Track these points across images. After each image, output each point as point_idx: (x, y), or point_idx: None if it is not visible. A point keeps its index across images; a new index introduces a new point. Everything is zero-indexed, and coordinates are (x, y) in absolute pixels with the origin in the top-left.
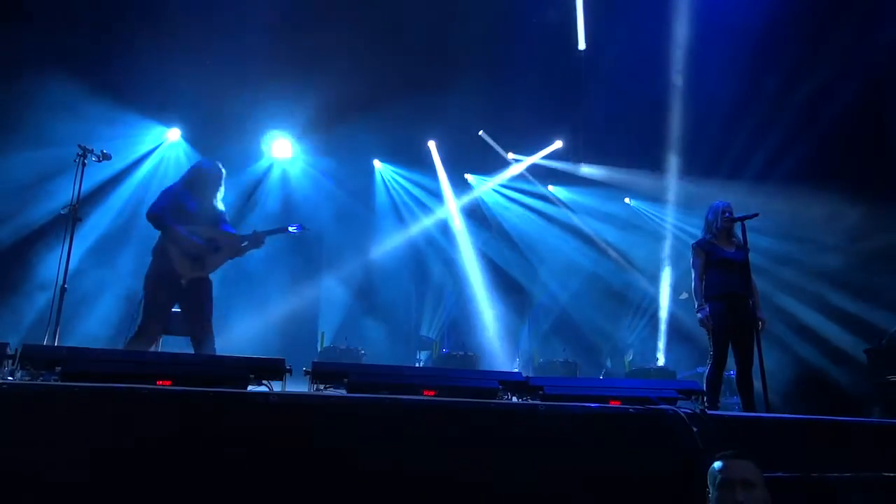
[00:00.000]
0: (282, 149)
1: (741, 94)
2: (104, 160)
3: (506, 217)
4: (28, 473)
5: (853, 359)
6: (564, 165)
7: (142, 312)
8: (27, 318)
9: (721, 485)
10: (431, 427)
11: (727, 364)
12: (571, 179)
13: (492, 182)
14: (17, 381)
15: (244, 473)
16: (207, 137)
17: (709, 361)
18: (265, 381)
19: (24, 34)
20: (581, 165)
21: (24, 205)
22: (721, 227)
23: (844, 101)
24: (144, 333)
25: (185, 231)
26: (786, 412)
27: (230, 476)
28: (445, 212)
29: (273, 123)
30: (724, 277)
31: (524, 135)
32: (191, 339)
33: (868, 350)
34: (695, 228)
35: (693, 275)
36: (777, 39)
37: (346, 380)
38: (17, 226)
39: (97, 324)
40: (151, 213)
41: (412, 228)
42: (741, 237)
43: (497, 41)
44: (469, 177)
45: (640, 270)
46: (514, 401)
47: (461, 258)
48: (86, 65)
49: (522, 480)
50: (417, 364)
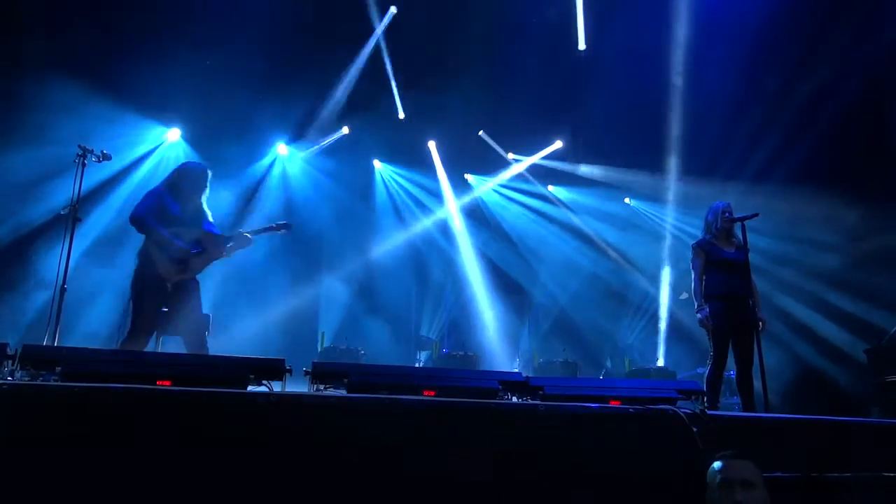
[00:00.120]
0: (283, 148)
1: (741, 94)
2: (104, 160)
3: (506, 217)
4: (28, 473)
5: (853, 359)
6: (564, 165)
7: (130, 316)
8: (27, 318)
9: (720, 485)
10: (431, 427)
11: (727, 364)
12: (571, 179)
13: (492, 182)
14: (17, 381)
15: (244, 473)
16: (207, 138)
17: (709, 362)
18: (265, 382)
19: (25, 34)
20: (580, 165)
21: (24, 204)
22: (721, 228)
23: (844, 102)
24: (135, 337)
25: (169, 234)
26: (785, 412)
27: (230, 476)
28: (445, 212)
29: (273, 123)
30: (724, 278)
31: (524, 135)
32: (182, 340)
33: (868, 350)
34: (695, 229)
35: (693, 275)
36: (777, 39)
37: (346, 380)
38: (17, 225)
39: (97, 322)
40: (134, 217)
41: (412, 228)
42: (741, 237)
43: (497, 41)
44: (469, 177)
45: (640, 270)
46: (514, 401)
47: (461, 258)
48: (86, 65)
49: (522, 480)
50: (417, 364)
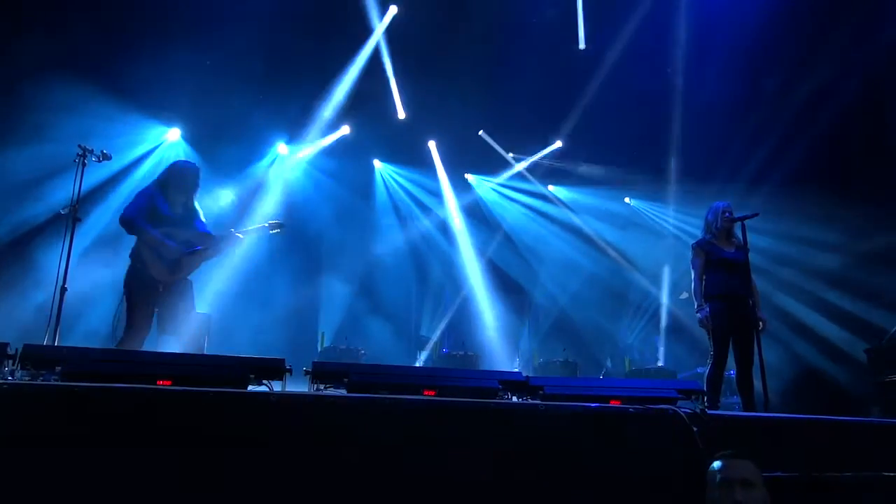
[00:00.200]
0: (283, 148)
1: (741, 94)
2: (104, 160)
3: (506, 217)
4: (28, 473)
5: (853, 358)
6: (564, 165)
7: (125, 317)
8: (25, 318)
9: (720, 484)
10: (431, 427)
11: (727, 364)
12: (571, 179)
13: (492, 182)
14: (17, 381)
15: (244, 473)
16: (207, 137)
17: (709, 361)
18: (265, 381)
19: (25, 33)
20: (581, 165)
21: (24, 203)
22: (721, 227)
23: (844, 102)
24: (131, 337)
25: (159, 235)
26: (785, 411)
27: (230, 476)
28: (445, 211)
29: (273, 123)
30: (724, 277)
31: (524, 135)
32: (177, 341)
33: (868, 350)
34: (695, 228)
35: (693, 275)
36: (777, 39)
37: (346, 380)
38: (16, 224)
39: (97, 322)
40: (124, 218)
41: (412, 228)
42: (741, 237)
43: (498, 41)
44: (469, 177)
45: (640, 270)
46: (515, 401)
47: (461, 258)
48: (86, 64)
49: (522, 480)
50: (417, 364)
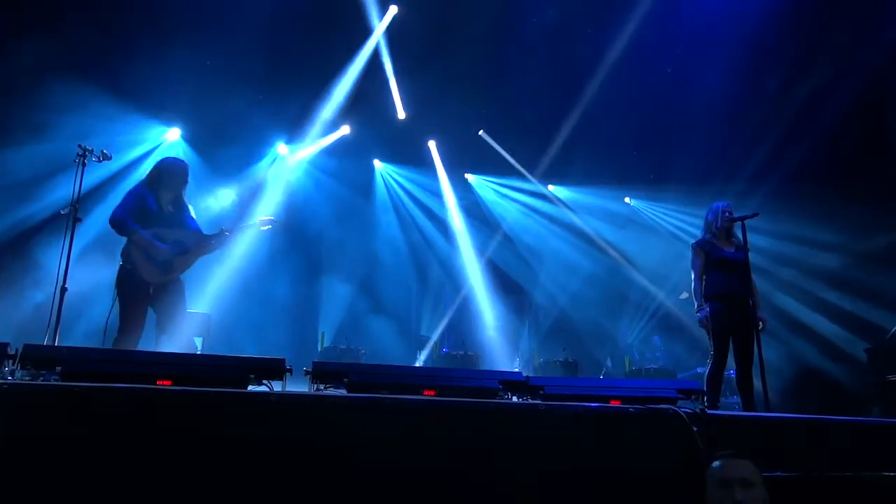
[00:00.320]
0: (283, 148)
1: (741, 94)
2: (104, 160)
3: (505, 216)
4: (28, 473)
5: (853, 358)
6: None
7: (118, 318)
8: (23, 318)
9: (720, 484)
10: (432, 427)
11: (727, 363)
12: (571, 179)
13: (492, 182)
14: (17, 381)
15: (244, 473)
16: (207, 137)
17: (709, 361)
18: (265, 381)
19: (25, 33)
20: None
21: (24, 202)
22: (721, 227)
23: (844, 101)
24: (125, 337)
25: (150, 236)
26: (785, 411)
27: (230, 476)
28: (445, 211)
29: (273, 123)
30: (724, 277)
31: (524, 135)
32: (165, 340)
33: (868, 349)
34: (694, 228)
35: (693, 275)
36: (777, 39)
37: (347, 379)
38: (15, 223)
39: (97, 321)
40: (113, 220)
41: (412, 228)
42: (741, 237)
43: (498, 41)
44: (469, 176)
45: (640, 270)
46: (515, 401)
47: (461, 258)
48: (86, 63)
49: (522, 480)
50: (417, 364)
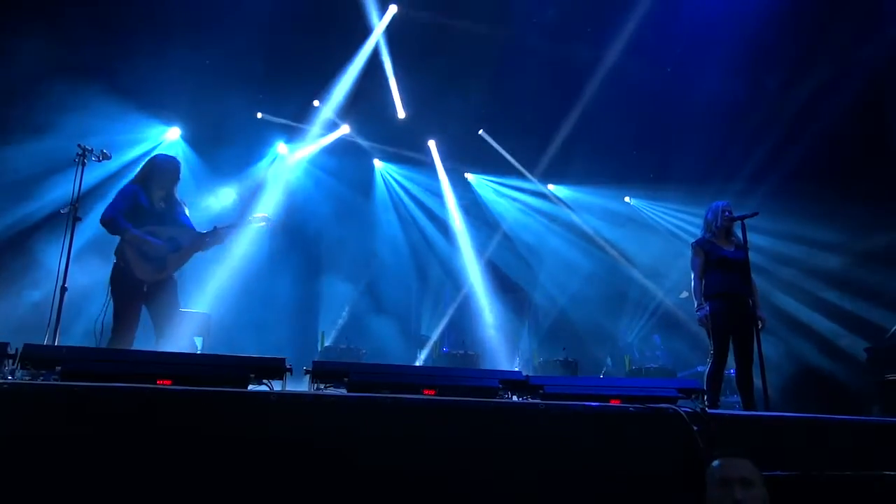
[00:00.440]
0: (283, 147)
1: (741, 94)
2: (104, 160)
3: (505, 216)
4: (28, 473)
5: (853, 357)
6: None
7: (111, 317)
8: (23, 316)
9: (720, 483)
10: (431, 426)
11: (727, 363)
12: (571, 178)
13: (491, 181)
14: (17, 381)
15: (244, 473)
16: (207, 136)
17: (709, 360)
18: (265, 381)
19: (26, 32)
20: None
21: (23, 200)
22: (720, 226)
23: (844, 101)
24: (119, 338)
25: (142, 234)
26: (785, 410)
27: (230, 476)
28: (445, 211)
29: (273, 123)
30: (724, 276)
31: (524, 134)
32: (158, 337)
33: (868, 348)
34: (694, 227)
35: (693, 274)
36: (777, 39)
37: (347, 379)
38: (15, 221)
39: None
40: (105, 219)
41: (412, 228)
42: (741, 236)
43: (497, 40)
44: (469, 176)
45: (640, 269)
46: (515, 400)
47: (461, 257)
48: (86, 63)
49: (522, 479)
50: (417, 363)
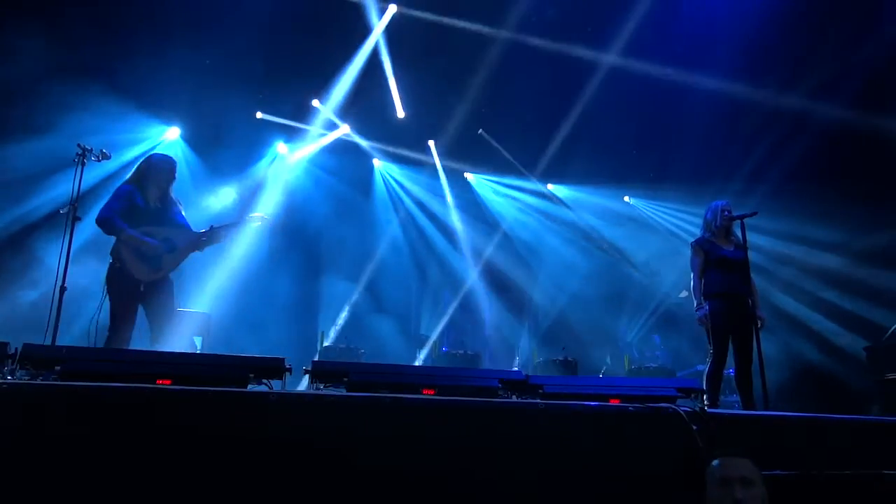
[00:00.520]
0: (282, 147)
1: (741, 93)
2: (103, 160)
3: (505, 215)
4: (28, 473)
5: (852, 356)
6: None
7: (108, 317)
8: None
9: (720, 482)
10: (431, 426)
11: (727, 362)
12: (571, 178)
13: (491, 181)
14: (17, 381)
15: (244, 473)
16: (207, 136)
17: (708, 360)
18: (265, 381)
19: (26, 31)
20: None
21: (22, 200)
22: (720, 226)
23: (844, 101)
24: (115, 338)
25: (139, 234)
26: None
27: (230, 475)
28: (445, 210)
29: (272, 122)
30: (724, 276)
31: (524, 134)
32: (154, 337)
33: (867, 348)
34: (694, 227)
35: (692, 273)
36: (777, 38)
37: (346, 379)
38: (15, 220)
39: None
40: (100, 219)
41: (412, 227)
42: (740, 236)
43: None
44: (469, 176)
45: (640, 268)
46: (514, 400)
47: (461, 256)
48: (86, 62)
49: (522, 479)
50: (417, 363)
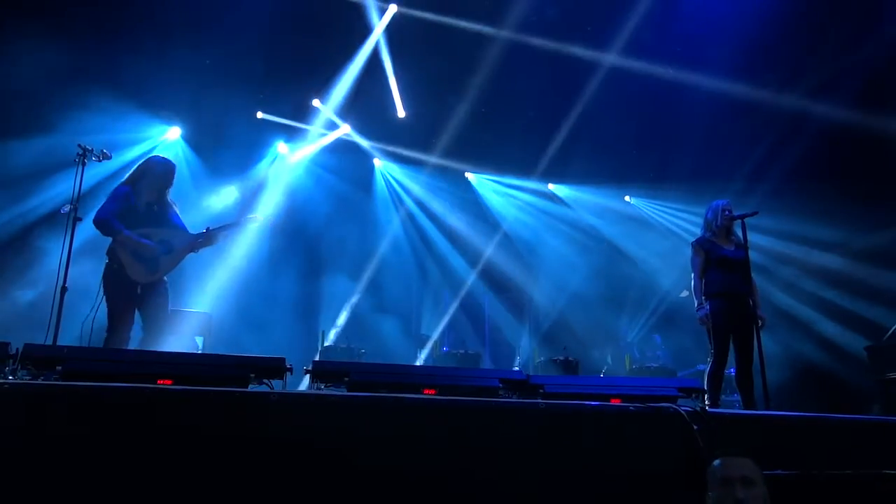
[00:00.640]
0: (283, 147)
1: (741, 92)
2: (104, 160)
3: (505, 215)
4: (29, 473)
5: (853, 356)
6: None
7: (105, 318)
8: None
9: (721, 482)
10: (432, 426)
11: (727, 362)
12: (572, 177)
13: (492, 180)
14: (18, 381)
15: (245, 473)
16: (207, 136)
17: (709, 359)
18: (266, 381)
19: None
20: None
21: (23, 198)
22: (721, 226)
23: (844, 100)
24: (113, 339)
25: (136, 235)
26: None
27: (230, 476)
28: (446, 210)
29: (272, 122)
30: (724, 275)
31: (524, 133)
32: (157, 340)
33: (868, 347)
34: (694, 226)
35: (693, 273)
36: (777, 37)
37: (347, 379)
38: (14, 218)
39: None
40: (97, 219)
41: (412, 227)
42: (741, 235)
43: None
44: (469, 175)
45: (640, 268)
46: (515, 399)
47: (461, 256)
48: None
49: (523, 479)
50: (417, 363)
